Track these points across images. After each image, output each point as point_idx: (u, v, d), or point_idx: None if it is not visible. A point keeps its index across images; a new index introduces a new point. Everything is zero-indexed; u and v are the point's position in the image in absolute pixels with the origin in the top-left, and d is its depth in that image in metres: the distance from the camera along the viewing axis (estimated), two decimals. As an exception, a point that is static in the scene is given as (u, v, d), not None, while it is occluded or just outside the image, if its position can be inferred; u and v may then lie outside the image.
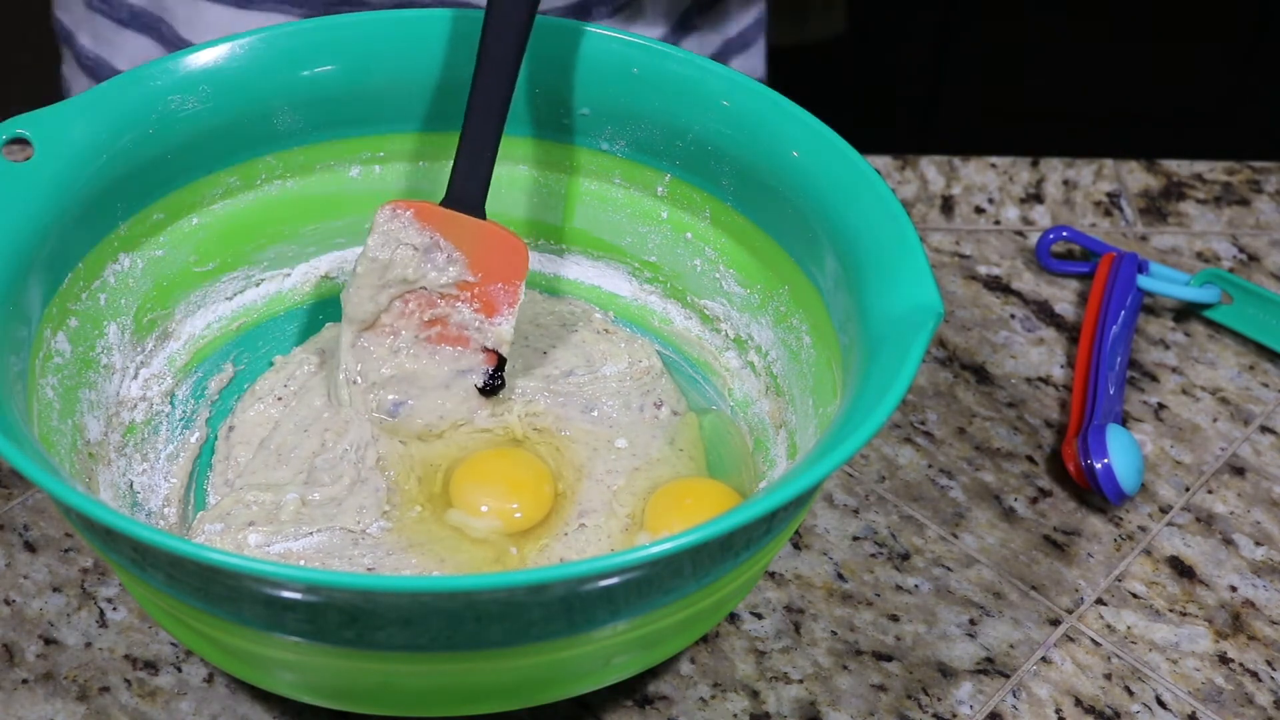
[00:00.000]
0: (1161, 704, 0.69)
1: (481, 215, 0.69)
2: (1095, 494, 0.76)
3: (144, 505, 0.69)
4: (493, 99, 0.67)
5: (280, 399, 0.73)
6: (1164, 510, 0.77)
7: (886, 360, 0.58)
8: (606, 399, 0.73)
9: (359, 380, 0.70)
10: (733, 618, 0.71)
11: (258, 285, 0.75)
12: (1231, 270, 0.90)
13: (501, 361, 0.71)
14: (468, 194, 0.69)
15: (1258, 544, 0.76)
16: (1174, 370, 0.84)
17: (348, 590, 0.53)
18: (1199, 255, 0.91)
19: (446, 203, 0.69)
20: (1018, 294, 0.88)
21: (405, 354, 0.71)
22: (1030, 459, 0.79)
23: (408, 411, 0.71)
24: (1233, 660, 0.71)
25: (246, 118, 0.70)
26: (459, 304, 0.70)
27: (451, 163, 0.68)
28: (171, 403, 0.72)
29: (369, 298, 0.69)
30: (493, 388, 0.71)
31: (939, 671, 0.70)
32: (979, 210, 0.93)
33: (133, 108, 0.66)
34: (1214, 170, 0.97)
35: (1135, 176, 0.97)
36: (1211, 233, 0.93)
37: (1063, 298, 0.88)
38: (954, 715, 0.68)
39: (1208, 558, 0.75)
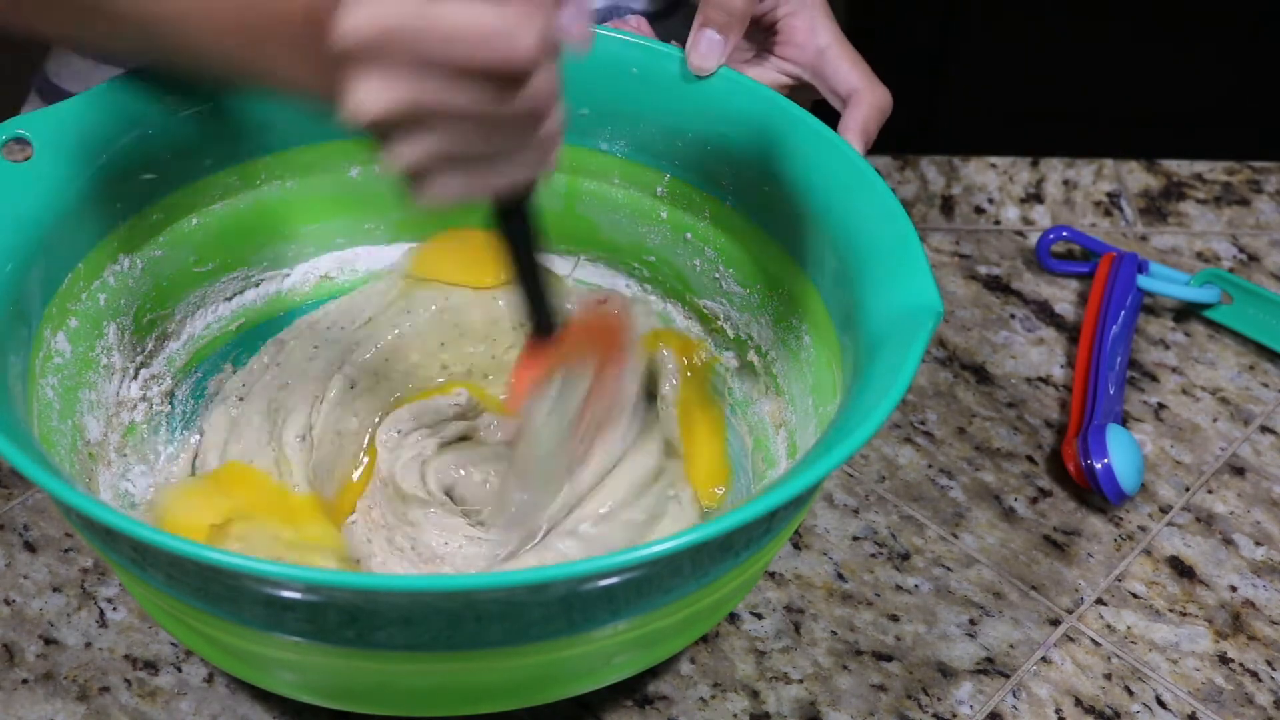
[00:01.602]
0: (1161, 704, 0.69)
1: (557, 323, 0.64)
2: (1095, 494, 0.76)
3: (143, 506, 0.69)
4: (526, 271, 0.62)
5: (241, 399, 0.73)
6: (1164, 510, 0.77)
7: (886, 360, 0.58)
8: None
9: None
10: (733, 618, 0.71)
11: (257, 285, 0.75)
12: (1231, 270, 0.90)
13: None
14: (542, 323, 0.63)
15: (1258, 544, 0.76)
16: (1174, 370, 0.84)
17: (348, 590, 0.53)
18: (1199, 255, 0.91)
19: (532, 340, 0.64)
20: (1018, 294, 0.88)
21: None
22: (1030, 459, 0.79)
23: None
24: (1233, 660, 0.71)
25: (246, 118, 0.70)
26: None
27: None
28: (171, 403, 0.72)
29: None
30: None
31: (939, 671, 0.70)
32: (979, 210, 0.93)
33: (133, 108, 0.66)
34: (1214, 170, 0.97)
35: (1135, 176, 0.97)
36: (1211, 233, 0.93)
37: (1063, 298, 0.88)
38: (954, 715, 0.68)
39: (1208, 558, 0.75)
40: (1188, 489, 0.78)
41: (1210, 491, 0.78)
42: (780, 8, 0.71)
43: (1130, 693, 0.70)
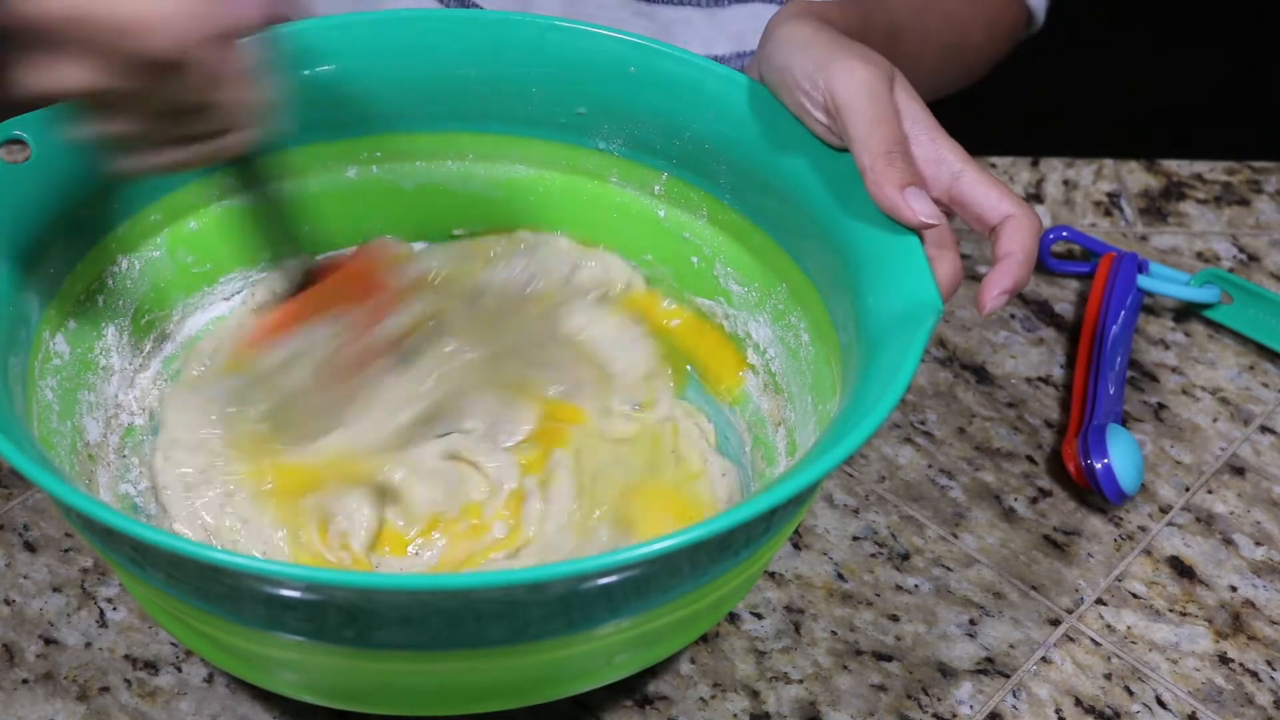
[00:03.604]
0: (1161, 704, 0.69)
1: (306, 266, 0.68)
2: (1095, 494, 0.76)
3: (143, 508, 0.69)
4: None
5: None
6: (1164, 510, 0.77)
7: (886, 357, 0.57)
8: None
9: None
10: (733, 617, 0.71)
11: (254, 286, 0.75)
12: (1231, 270, 0.90)
13: None
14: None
15: (1258, 544, 0.76)
16: (1174, 370, 0.84)
17: (348, 589, 0.53)
18: (1199, 255, 0.91)
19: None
20: (1018, 294, 0.88)
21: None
22: (1030, 459, 0.79)
23: None
24: (1233, 660, 0.71)
25: (245, 118, 0.70)
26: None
27: None
28: (171, 404, 0.72)
29: None
30: None
31: (939, 671, 0.70)
32: (979, 210, 0.93)
33: (131, 108, 0.66)
34: (1214, 170, 0.97)
35: (1135, 176, 0.97)
36: (1211, 233, 0.93)
37: (1063, 298, 0.88)
38: (954, 715, 0.68)
39: (1208, 558, 0.75)
40: (1188, 489, 0.78)
41: (1210, 491, 0.78)
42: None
43: (1130, 693, 0.70)
